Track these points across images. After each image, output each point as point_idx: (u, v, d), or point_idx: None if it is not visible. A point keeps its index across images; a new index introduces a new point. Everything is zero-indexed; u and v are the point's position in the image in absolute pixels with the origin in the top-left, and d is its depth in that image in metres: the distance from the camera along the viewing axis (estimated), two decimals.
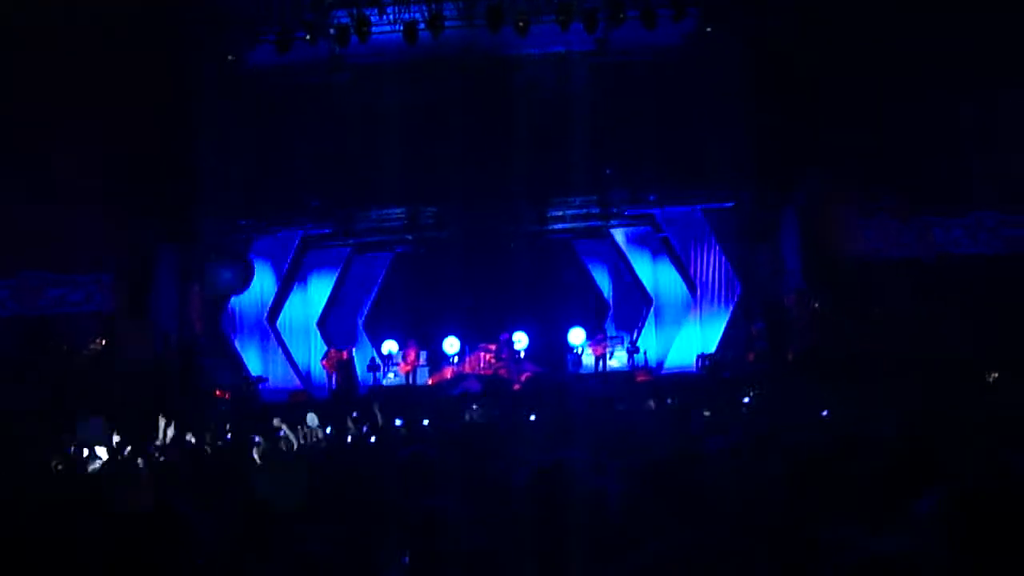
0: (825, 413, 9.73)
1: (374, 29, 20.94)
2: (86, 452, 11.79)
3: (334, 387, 22.14)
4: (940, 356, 16.43)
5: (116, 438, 13.14)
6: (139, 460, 9.77)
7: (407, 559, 3.54)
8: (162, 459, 10.04)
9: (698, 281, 23.32)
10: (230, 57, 22.04)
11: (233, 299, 23.09)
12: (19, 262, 20.95)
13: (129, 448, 12.20)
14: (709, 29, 22.05)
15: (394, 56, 22.02)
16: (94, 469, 9.92)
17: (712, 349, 22.36)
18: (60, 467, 10.08)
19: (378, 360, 23.02)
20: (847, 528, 2.64)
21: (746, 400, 14.07)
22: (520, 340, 23.19)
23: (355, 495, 5.22)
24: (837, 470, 3.63)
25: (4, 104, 18.74)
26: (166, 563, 2.49)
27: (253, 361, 23.08)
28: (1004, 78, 19.35)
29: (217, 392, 21.59)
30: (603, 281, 24.52)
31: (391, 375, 22.81)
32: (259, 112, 22.39)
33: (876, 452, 3.69)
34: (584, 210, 23.68)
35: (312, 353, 23.86)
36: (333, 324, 24.24)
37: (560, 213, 23.70)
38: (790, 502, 3.37)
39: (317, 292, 24.22)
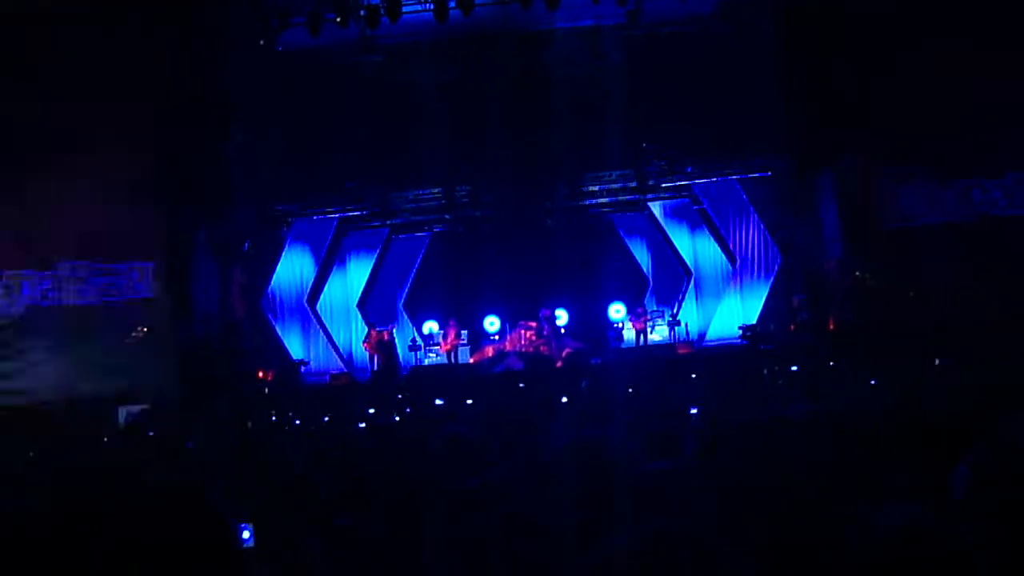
0: (871, 383, 9.63)
1: (404, 8, 20.90)
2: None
3: (376, 368, 22.15)
4: (983, 320, 16.28)
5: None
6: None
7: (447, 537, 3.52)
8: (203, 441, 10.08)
9: (738, 253, 23.17)
10: (261, 41, 22.08)
11: (273, 283, 23.23)
12: (57, 252, 21.10)
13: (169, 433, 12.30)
14: None
15: (425, 35, 22.00)
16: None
17: (753, 321, 22.22)
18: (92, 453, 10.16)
19: (419, 340, 23.03)
20: (890, 503, 2.59)
21: (793, 368, 13.96)
22: (560, 317, 23.13)
23: (396, 474, 5.20)
24: (883, 444, 3.57)
25: (39, 93, 18.86)
26: (196, 546, 2.48)
27: (294, 344, 23.19)
28: None
29: (260, 373, 21.73)
30: (642, 255, 24.35)
31: (432, 355, 22.80)
32: (292, 95, 22.44)
33: (922, 425, 3.63)
34: (621, 184, 23.59)
35: (353, 335, 23.93)
36: (373, 305, 24.25)
37: (597, 188, 23.63)
38: (832, 477, 3.32)
39: (356, 274, 24.27)
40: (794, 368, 13.72)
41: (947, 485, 2.88)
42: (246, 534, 3.71)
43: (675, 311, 23.03)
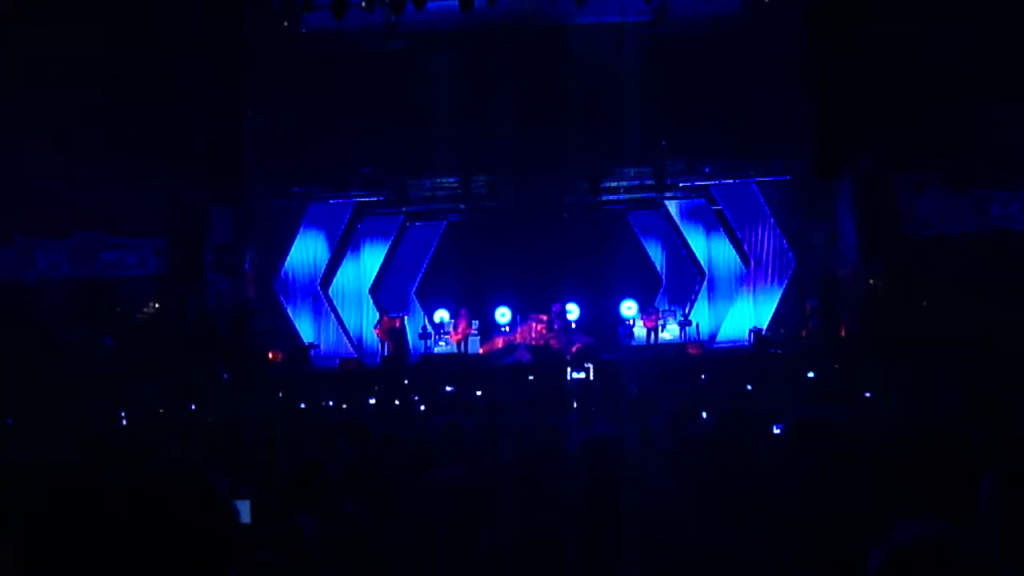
0: (871, 394, 9.58)
1: None
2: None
3: (386, 354, 22.16)
4: (994, 335, 16.19)
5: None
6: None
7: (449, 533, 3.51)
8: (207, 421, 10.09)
9: (752, 255, 23.11)
10: (285, 23, 22.09)
11: (287, 265, 23.24)
12: (73, 223, 21.14)
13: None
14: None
15: (449, 24, 21.96)
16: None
17: (765, 324, 22.17)
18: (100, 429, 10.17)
19: (429, 328, 23.04)
20: (911, 520, 2.56)
21: (810, 375, 13.91)
22: (572, 311, 23.12)
23: (397, 462, 5.20)
24: (901, 457, 3.54)
25: (61, 67, 18.87)
26: (192, 528, 2.49)
27: (305, 327, 23.21)
28: None
29: (270, 355, 21.73)
30: (656, 254, 24.34)
31: (442, 344, 22.80)
32: (313, 77, 22.42)
33: (940, 438, 3.59)
34: (638, 182, 23.57)
35: (364, 321, 23.93)
36: (385, 292, 24.28)
37: (614, 184, 23.60)
38: (853, 491, 3.29)
39: (370, 260, 24.27)
40: (810, 374, 13.67)
41: (966, 503, 2.84)
42: (242, 511, 3.72)
43: (687, 311, 22.98)
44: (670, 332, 22.44)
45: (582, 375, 14.18)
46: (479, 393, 12.98)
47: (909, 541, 2.39)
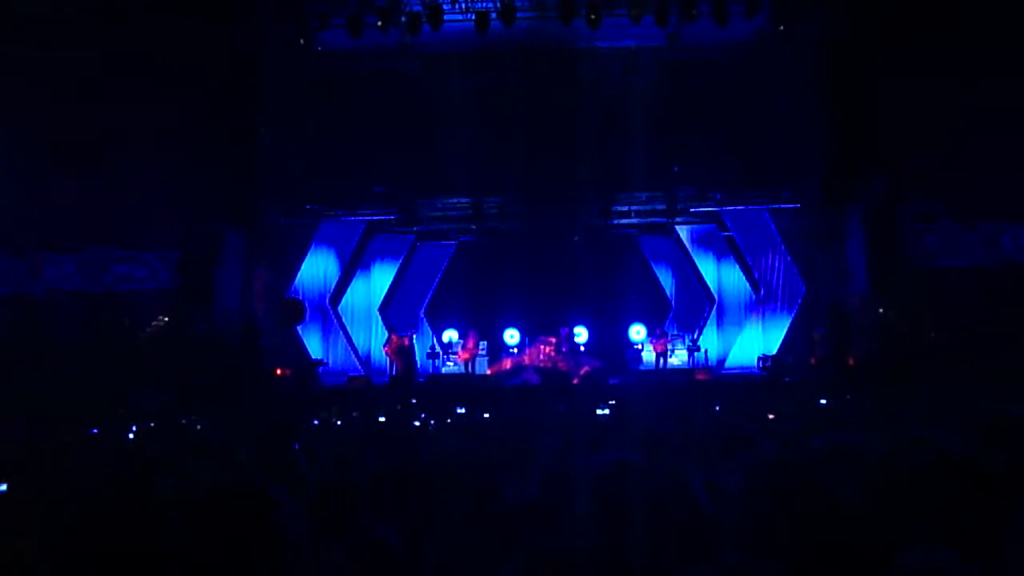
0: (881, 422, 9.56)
1: (446, 18, 20.99)
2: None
3: (394, 373, 22.16)
4: (1004, 365, 16.14)
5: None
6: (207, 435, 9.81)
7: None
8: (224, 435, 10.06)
9: (762, 282, 23.13)
10: (301, 41, 22.20)
11: (296, 282, 23.27)
12: (86, 236, 21.20)
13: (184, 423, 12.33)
14: (781, 28, 21.87)
15: (464, 45, 22.06)
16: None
17: (774, 351, 22.16)
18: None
19: (438, 348, 23.05)
20: (934, 552, 2.57)
21: (822, 402, 13.87)
22: (580, 334, 23.13)
23: (416, 484, 5.20)
24: (922, 487, 3.55)
25: (75, 83, 18.97)
26: (252, 547, 2.50)
27: (314, 344, 23.23)
28: None
29: (277, 371, 21.69)
30: (666, 278, 24.36)
31: (450, 363, 22.82)
32: (328, 96, 22.55)
33: (961, 468, 3.60)
34: (649, 206, 23.61)
35: (373, 339, 23.98)
36: (395, 311, 24.33)
37: (625, 208, 23.64)
38: (871, 521, 3.30)
39: (380, 278, 24.35)
40: (823, 401, 13.65)
41: (981, 533, 2.85)
42: None
43: (696, 336, 22.98)
44: (678, 357, 22.43)
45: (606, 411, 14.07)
46: (487, 415, 12.95)
47: (910, 567, 2.41)
